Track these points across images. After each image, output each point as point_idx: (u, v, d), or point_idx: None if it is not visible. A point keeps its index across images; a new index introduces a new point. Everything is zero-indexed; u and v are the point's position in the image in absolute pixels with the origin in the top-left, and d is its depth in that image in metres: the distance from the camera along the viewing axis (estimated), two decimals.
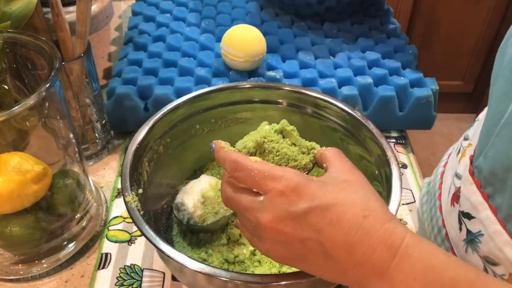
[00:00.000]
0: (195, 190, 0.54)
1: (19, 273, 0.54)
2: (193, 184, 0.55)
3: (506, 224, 0.39)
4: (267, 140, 0.43)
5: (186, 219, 0.53)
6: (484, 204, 0.42)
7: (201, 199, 0.53)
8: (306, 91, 0.58)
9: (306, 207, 0.35)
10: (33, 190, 0.49)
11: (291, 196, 0.36)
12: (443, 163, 0.58)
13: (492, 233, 0.41)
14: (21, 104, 0.44)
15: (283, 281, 0.40)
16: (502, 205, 0.40)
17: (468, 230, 0.44)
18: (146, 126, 0.53)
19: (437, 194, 0.55)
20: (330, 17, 0.87)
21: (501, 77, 0.42)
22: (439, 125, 1.72)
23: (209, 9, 0.89)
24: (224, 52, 0.72)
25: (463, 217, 0.45)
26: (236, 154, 0.40)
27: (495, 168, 0.39)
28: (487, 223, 0.42)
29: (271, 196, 0.36)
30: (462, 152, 0.49)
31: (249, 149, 0.43)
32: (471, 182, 0.43)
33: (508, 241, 0.39)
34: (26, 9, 0.56)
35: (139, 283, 0.54)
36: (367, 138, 0.53)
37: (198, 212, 0.53)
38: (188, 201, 0.53)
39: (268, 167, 0.37)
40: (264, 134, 0.43)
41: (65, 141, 0.56)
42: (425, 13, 1.81)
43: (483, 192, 0.42)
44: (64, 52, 0.62)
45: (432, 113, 0.72)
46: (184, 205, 0.53)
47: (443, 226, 0.51)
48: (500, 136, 0.39)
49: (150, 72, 0.73)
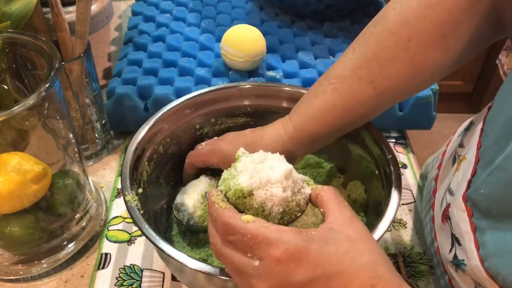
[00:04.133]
0: (195, 191, 0.54)
1: (19, 273, 0.54)
2: (193, 184, 0.55)
3: (484, 262, 0.38)
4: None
5: (186, 219, 0.53)
6: (470, 235, 0.40)
7: (201, 200, 0.53)
8: (306, 91, 0.58)
9: (308, 277, 0.32)
10: (33, 190, 0.49)
11: (290, 265, 0.32)
12: (437, 163, 0.57)
13: (474, 267, 0.40)
14: (21, 104, 0.44)
15: None
16: (488, 243, 0.38)
17: (455, 254, 0.44)
18: (146, 126, 0.53)
19: (431, 203, 0.54)
20: (329, 15, 0.87)
21: (503, 115, 0.39)
22: (439, 125, 1.72)
23: (209, 9, 0.89)
24: (224, 52, 0.72)
25: (455, 241, 0.44)
26: (227, 215, 0.36)
27: (492, 209, 0.38)
28: (469, 255, 0.41)
29: (267, 263, 0.33)
30: (457, 164, 0.48)
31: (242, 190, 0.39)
32: (463, 209, 0.42)
33: (487, 279, 0.38)
34: (26, 9, 0.56)
35: (138, 283, 0.54)
36: (367, 138, 0.53)
37: (198, 213, 0.52)
38: (188, 201, 0.53)
39: (262, 230, 0.33)
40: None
41: (65, 141, 0.56)
42: None
43: (472, 223, 0.40)
44: (64, 52, 0.62)
45: (432, 113, 0.72)
46: (184, 205, 0.53)
47: (435, 239, 0.50)
48: (493, 177, 0.38)
49: (150, 72, 0.73)
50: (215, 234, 0.37)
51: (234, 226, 0.35)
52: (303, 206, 0.40)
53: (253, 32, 0.73)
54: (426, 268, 0.56)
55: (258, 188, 0.38)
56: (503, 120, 0.39)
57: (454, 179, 0.47)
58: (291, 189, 0.39)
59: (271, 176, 0.38)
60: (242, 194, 0.38)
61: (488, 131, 0.41)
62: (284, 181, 0.38)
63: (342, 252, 0.33)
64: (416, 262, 0.56)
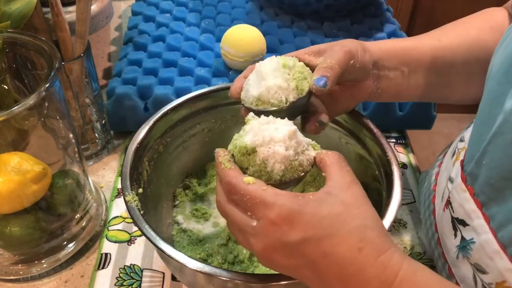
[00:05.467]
0: (269, 70, 0.44)
1: (19, 273, 0.54)
2: (256, 71, 0.45)
3: (498, 233, 0.39)
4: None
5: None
6: (478, 212, 0.41)
7: (286, 71, 0.44)
8: None
9: (299, 238, 0.34)
10: (32, 190, 0.49)
11: (283, 227, 0.34)
12: (437, 163, 0.58)
13: (484, 241, 0.41)
14: (20, 104, 0.44)
15: (283, 281, 0.40)
16: (497, 214, 0.39)
17: (462, 236, 0.44)
18: (146, 125, 0.53)
19: (431, 196, 0.54)
20: (329, 15, 0.87)
21: (492, 79, 0.41)
22: (439, 125, 1.72)
23: (209, 9, 0.89)
24: (224, 52, 0.72)
25: (458, 224, 0.45)
26: (231, 175, 0.38)
27: (491, 178, 0.39)
28: (479, 231, 0.41)
29: (263, 224, 0.35)
30: (457, 154, 0.49)
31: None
32: (464, 189, 0.43)
33: (498, 251, 0.39)
34: (26, 9, 0.56)
35: (138, 283, 0.54)
36: (367, 138, 0.53)
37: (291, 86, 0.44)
38: (273, 81, 0.44)
39: (259, 193, 0.35)
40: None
41: (65, 141, 0.56)
42: (425, 13, 1.81)
43: (476, 200, 0.42)
44: (64, 52, 0.62)
45: (432, 113, 0.72)
46: (272, 88, 0.44)
47: (436, 231, 0.51)
48: (493, 145, 0.39)
49: (150, 72, 0.73)
50: (221, 192, 0.39)
51: (235, 186, 0.37)
52: (306, 167, 0.41)
53: (253, 32, 0.73)
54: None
55: (261, 146, 0.39)
56: (495, 83, 0.40)
57: (454, 169, 0.48)
58: (294, 149, 0.40)
59: (275, 135, 0.39)
60: (246, 151, 0.40)
61: (484, 93, 0.43)
62: (287, 141, 0.39)
63: (334, 216, 0.34)
64: None
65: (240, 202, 0.37)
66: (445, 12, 1.80)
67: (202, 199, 0.61)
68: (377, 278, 0.33)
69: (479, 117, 0.43)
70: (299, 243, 0.34)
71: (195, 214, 0.58)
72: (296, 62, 0.45)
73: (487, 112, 0.41)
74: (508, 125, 0.37)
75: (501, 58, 0.40)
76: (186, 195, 0.60)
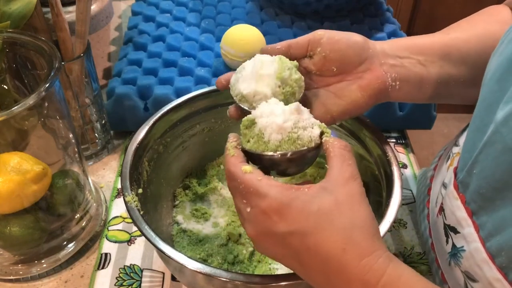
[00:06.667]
0: (264, 74, 0.44)
1: (18, 273, 0.54)
2: (253, 66, 0.45)
3: (486, 242, 0.39)
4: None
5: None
6: (468, 220, 0.41)
7: (278, 82, 0.44)
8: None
9: (286, 230, 0.35)
10: (32, 190, 0.49)
11: (273, 217, 0.36)
12: (433, 166, 0.57)
13: (473, 250, 0.41)
14: (20, 104, 0.44)
15: (283, 281, 0.40)
16: (486, 223, 0.39)
17: (453, 244, 0.44)
18: (146, 125, 0.53)
19: (426, 201, 0.54)
20: (329, 15, 0.87)
21: (486, 85, 0.41)
22: (439, 125, 1.72)
23: (209, 9, 0.89)
24: (224, 52, 0.72)
25: (450, 231, 0.45)
26: (232, 162, 0.39)
27: (482, 187, 0.39)
28: (469, 239, 0.41)
29: (255, 212, 0.37)
30: (451, 160, 0.48)
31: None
32: (456, 197, 0.43)
33: (486, 260, 0.39)
34: (26, 9, 0.56)
35: (138, 283, 0.54)
36: (367, 138, 0.53)
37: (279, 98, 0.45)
38: (262, 88, 0.44)
39: (254, 183, 0.37)
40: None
41: (64, 141, 0.56)
42: (425, 13, 1.81)
43: (467, 208, 0.41)
44: (64, 52, 0.62)
45: (432, 113, 0.72)
46: (259, 94, 0.44)
47: (430, 235, 0.51)
48: (484, 154, 0.38)
49: (150, 72, 0.73)
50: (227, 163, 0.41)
51: (234, 174, 0.38)
52: (307, 143, 0.40)
53: (253, 32, 0.73)
54: (426, 268, 0.56)
55: (261, 117, 0.40)
56: (488, 91, 0.40)
57: (447, 174, 0.47)
58: (294, 123, 0.40)
59: (275, 109, 0.40)
60: (247, 123, 0.41)
61: (479, 98, 0.42)
62: (287, 114, 0.40)
63: (323, 213, 0.35)
64: (416, 262, 0.56)
65: (236, 189, 0.39)
66: (445, 12, 1.80)
67: (202, 199, 0.61)
68: (359, 280, 0.33)
69: (473, 124, 0.42)
70: (286, 234, 0.35)
71: (195, 214, 0.58)
72: (292, 73, 0.44)
73: (481, 119, 0.40)
74: (498, 135, 0.36)
75: (496, 64, 0.40)
76: (186, 195, 0.60)
